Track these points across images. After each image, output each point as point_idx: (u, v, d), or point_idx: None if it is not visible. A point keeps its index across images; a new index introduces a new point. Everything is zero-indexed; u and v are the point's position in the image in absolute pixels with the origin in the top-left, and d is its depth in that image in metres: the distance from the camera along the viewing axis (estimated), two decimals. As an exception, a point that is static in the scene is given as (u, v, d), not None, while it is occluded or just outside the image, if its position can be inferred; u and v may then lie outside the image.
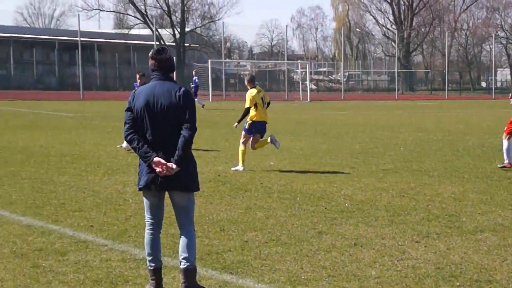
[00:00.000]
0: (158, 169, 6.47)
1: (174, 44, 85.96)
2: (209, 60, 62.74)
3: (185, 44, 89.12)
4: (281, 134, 24.23)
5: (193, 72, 43.89)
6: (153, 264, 6.72)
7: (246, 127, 15.35)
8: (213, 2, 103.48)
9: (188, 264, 6.61)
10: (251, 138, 15.34)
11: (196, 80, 41.40)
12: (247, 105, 15.34)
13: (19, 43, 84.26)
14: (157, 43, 71.14)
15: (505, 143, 15.48)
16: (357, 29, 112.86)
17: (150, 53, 6.68)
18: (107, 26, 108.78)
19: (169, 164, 6.46)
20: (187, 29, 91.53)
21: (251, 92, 15.48)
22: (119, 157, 16.86)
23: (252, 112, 15.37)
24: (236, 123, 16.11)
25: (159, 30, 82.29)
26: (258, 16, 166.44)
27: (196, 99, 39.43)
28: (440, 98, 75.08)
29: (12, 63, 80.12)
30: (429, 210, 10.75)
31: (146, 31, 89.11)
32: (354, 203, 11.29)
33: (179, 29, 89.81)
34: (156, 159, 6.47)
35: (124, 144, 18.67)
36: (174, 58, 6.96)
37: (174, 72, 6.96)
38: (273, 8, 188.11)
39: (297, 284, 7.02)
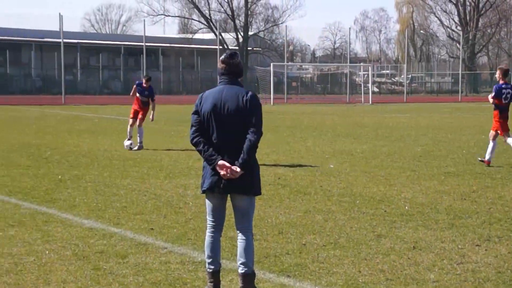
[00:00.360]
0: (222, 172, 6.53)
1: (237, 48, 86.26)
2: (271, 64, 62.81)
3: (248, 48, 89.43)
4: (341, 137, 24.18)
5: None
6: (212, 267, 6.77)
7: None
8: (277, 6, 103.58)
9: (246, 269, 6.65)
10: None
11: None
12: None
13: (86, 49, 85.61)
14: (221, 47, 71.54)
15: (491, 142, 16.34)
16: (421, 31, 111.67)
17: (222, 57, 6.77)
18: (171, 31, 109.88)
19: (233, 167, 6.52)
20: (250, 33, 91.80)
21: None
22: (181, 160, 17.03)
23: None
24: None
25: (223, 34, 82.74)
26: (322, 19, 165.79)
27: None
28: (506, 100, 73.63)
29: (79, 69, 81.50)
30: (491, 213, 10.61)
31: (210, 36, 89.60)
32: (414, 206, 11.20)
33: (242, 33, 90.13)
34: (220, 162, 6.54)
35: (126, 142, 19.41)
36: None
37: None
38: (336, 11, 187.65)
39: (354, 288, 7.01)
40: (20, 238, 8.96)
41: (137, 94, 20.59)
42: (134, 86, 20.81)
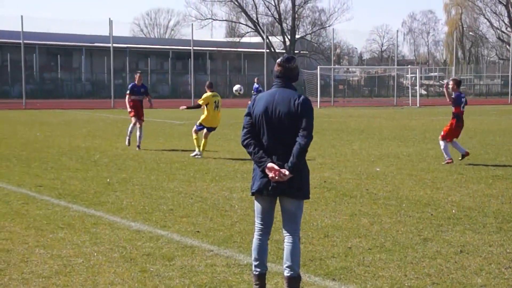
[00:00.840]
0: (271, 174, 6.56)
1: (284, 51, 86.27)
2: (318, 67, 62.74)
3: (295, 51, 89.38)
4: (388, 140, 24.05)
5: (255, 80, 44.18)
6: (258, 269, 6.80)
7: (198, 125, 18.80)
8: (324, 9, 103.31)
9: (292, 272, 6.66)
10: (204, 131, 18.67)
11: (258, 87, 42.06)
12: (199, 102, 18.89)
13: (134, 53, 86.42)
14: (268, 50, 71.64)
15: (441, 143, 17.32)
16: (470, 33, 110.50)
17: (279, 60, 6.79)
18: (219, 34, 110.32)
19: (283, 170, 6.54)
20: (297, 36, 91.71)
21: (207, 94, 18.86)
22: (227, 163, 17.11)
23: (203, 115, 18.72)
24: (184, 107, 20.95)
25: (270, 37, 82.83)
26: (369, 22, 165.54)
27: None
28: (557, 102, 72.64)
29: (128, 73, 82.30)
30: (540, 217, 10.48)
31: (257, 39, 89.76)
32: (461, 209, 11.11)
33: (289, 36, 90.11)
34: (270, 164, 6.57)
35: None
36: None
37: None
38: (384, 13, 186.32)
39: (399, 291, 6.99)
40: (69, 240, 9.10)
41: (133, 97, 21.32)
42: (128, 93, 21.40)
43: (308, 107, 6.63)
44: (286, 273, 6.69)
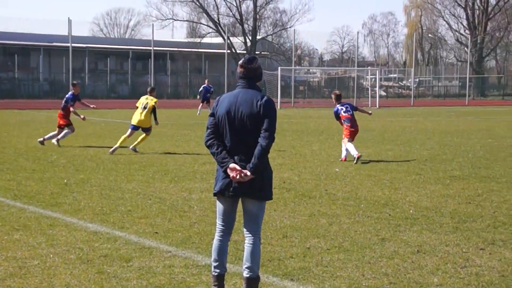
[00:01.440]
0: (232, 175, 6.54)
1: (245, 52, 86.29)
2: (279, 68, 62.86)
3: (256, 52, 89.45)
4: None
5: (205, 81, 43.98)
6: (218, 270, 6.78)
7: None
8: (285, 10, 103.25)
9: (251, 273, 6.66)
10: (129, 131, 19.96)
11: (208, 88, 41.92)
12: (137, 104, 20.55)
13: (94, 53, 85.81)
14: (229, 51, 71.62)
15: (345, 142, 18.47)
16: (429, 35, 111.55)
17: (241, 61, 6.77)
18: (180, 35, 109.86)
19: (244, 171, 6.53)
20: (258, 37, 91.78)
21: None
22: (186, 164, 17.05)
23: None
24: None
25: (231, 38, 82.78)
26: (330, 23, 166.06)
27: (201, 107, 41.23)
28: (513, 104, 73.67)
29: (87, 73, 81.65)
30: (496, 217, 10.61)
31: (218, 40, 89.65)
32: (418, 209, 11.21)
33: (250, 37, 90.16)
34: (232, 165, 6.55)
35: (54, 140, 21.41)
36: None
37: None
38: (344, 15, 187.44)
39: (357, 291, 7.01)
40: (25, 241, 8.99)
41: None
42: (72, 104, 22.16)
43: (270, 108, 6.62)
44: (246, 274, 6.67)
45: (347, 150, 18.32)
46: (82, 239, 9.15)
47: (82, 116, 22.32)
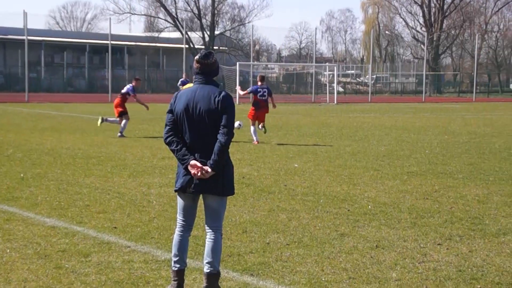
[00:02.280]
0: (193, 171, 6.51)
1: (203, 47, 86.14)
2: (237, 63, 62.84)
3: (214, 47, 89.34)
4: (306, 136, 24.25)
5: (183, 75, 44.41)
6: (178, 265, 6.74)
7: None
8: (244, 6, 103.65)
9: (212, 269, 6.63)
10: None
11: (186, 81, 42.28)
12: None
13: (50, 47, 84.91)
14: (187, 46, 71.37)
15: (252, 127, 21.83)
16: (387, 32, 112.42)
17: (197, 56, 6.69)
18: (137, 29, 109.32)
19: (205, 168, 6.49)
20: (216, 32, 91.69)
21: None
22: (145, 159, 16.96)
23: None
24: None
25: (189, 33, 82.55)
26: (288, 19, 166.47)
27: None
28: (467, 101, 74.58)
29: (43, 66, 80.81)
30: (452, 213, 10.72)
31: (176, 34, 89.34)
32: (377, 205, 11.28)
33: (208, 32, 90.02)
34: (192, 162, 6.51)
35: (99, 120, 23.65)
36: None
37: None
38: (303, 11, 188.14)
39: (317, 286, 7.03)
40: (-19, 236, 8.87)
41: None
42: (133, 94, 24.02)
43: (228, 104, 6.57)
44: (206, 269, 6.65)
45: (254, 133, 21.69)
46: (40, 234, 9.05)
47: (146, 105, 25.68)
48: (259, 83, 22.33)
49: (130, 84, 24.26)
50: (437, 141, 22.96)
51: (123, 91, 24.21)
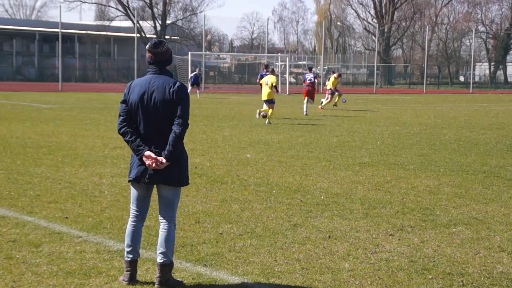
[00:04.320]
0: (148, 162, 6.46)
1: (154, 36, 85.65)
2: (189, 53, 62.62)
3: (166, 37, 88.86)
4: (258, 127, 24.27)
5: (197, 70, 47.86)
6: (130, 256, 6.71)
7: None
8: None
9: (165, 259, 6.61)
10: None
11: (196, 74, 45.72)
12: None
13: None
14: (138, 35, 70.84)
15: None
16: (338, 23, 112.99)
17: (147, 46, 6.63)
18: (88, 18, 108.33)
19: (159, 158, 6.45)
20: (168, 22, 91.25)
21: None
22: (96, 148, 16.81)
23: None
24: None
25: (140, 22, 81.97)
26: (240, 9, 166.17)
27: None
28: (418, 92, 75.39)
29: (-7, 54, 79.67)
30: (404, 204, 10.82)
31: (127, 23, 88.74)
32: (329, 196, 11.33)
33: (160, 22, 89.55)
34: (147, 152, 6.47)
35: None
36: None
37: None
38: (255, 1, 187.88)
39: (270, 277, 7.04)
40: None
41: None
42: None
43: (183, 95, 6.53)
44: (159, 259, 6.62)
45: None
46: (-11, 224, 8.91)
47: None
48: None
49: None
50: (389, 132, 23.16)
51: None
